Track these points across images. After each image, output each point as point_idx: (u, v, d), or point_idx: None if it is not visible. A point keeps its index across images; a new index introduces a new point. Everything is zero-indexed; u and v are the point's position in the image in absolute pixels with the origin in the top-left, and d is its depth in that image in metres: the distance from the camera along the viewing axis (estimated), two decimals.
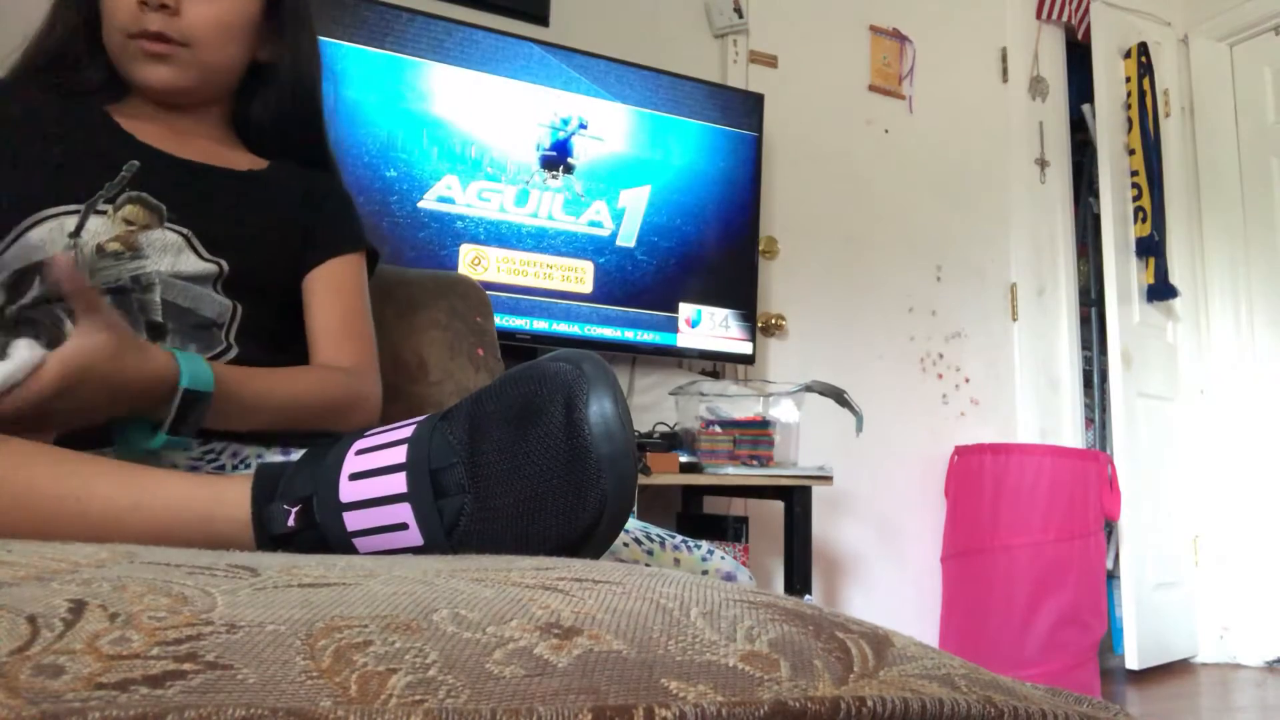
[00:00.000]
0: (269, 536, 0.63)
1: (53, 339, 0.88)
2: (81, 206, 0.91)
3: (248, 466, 0.83)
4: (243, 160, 1.07)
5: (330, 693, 0.30)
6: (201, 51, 0.99)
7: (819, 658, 0.36)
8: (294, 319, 1.05)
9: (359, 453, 0.62)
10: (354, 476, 0.61)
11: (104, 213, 0.91)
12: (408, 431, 0.62)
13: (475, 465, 0.59)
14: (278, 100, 1.09)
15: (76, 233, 0.90)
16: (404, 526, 0.59)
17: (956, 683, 0.36)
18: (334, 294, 1.06)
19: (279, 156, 1.11)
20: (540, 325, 2.14)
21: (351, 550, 0.61)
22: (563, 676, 0.32)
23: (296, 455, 0.85)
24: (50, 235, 0.89)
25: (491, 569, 0.44)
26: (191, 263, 0.94)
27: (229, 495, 0.65)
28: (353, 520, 0.60)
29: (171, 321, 0.92)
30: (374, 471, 0.61)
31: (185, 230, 0.94)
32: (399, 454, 0.60)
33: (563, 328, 2.16)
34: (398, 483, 0.59)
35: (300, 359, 1.04)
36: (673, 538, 0.83)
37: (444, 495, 0.59)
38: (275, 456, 0.84)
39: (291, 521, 0.62)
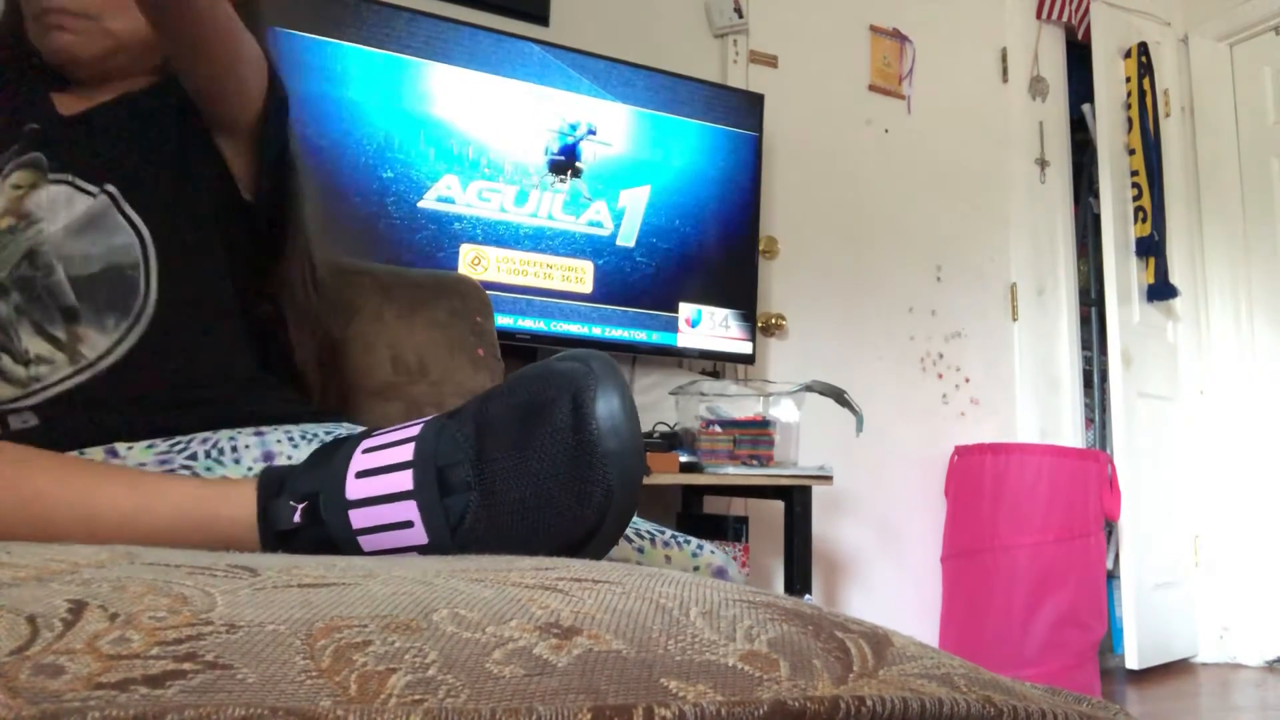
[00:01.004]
0: (274, 533, 0.63)
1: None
2: None
3: (220, 454, 0.82)
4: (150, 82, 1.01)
5: (330, 692, 0.30)
6: (109, 23, 0.96)
7: (818, 657, 0.36)
8: (237, 241, 0.98)
9: (367, 451, 0.62)
10: (361, 474, 0.61)
11: None
12: (415, 430, 0.62)
13: (482, 463, 0.58)
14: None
15: None
16: (409, 524, 0.59)
17: (956, 682, 0.36)
18: None
19: None
20: (540, 325, 2.14)
21: (356, 548, 0.61)
22: (562, 676, 0.32)
23: (270, 435, 0.84)
24: None
25: (491, 569, 0.44)
26: (78, 203, 0.88)
27: (234, 496, 0.65)
28: (358, 518, 0.60)
29: (84, 301, 0.86)
30: (381, 469, 0.60)
31: (65, 176, 0.89)
32: (406, 452, 0.60)
33: (563, 327, 2.16)
34: (404, 480, 0.59)
35: (256, 309, 1.00)
36: (662, 533, 0.82)
37: (450, 493, 0.59)
38: (249, 439, 0.83)
39: (297, 518, 0.61)
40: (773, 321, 2.66)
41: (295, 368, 1.03)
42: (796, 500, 2.16)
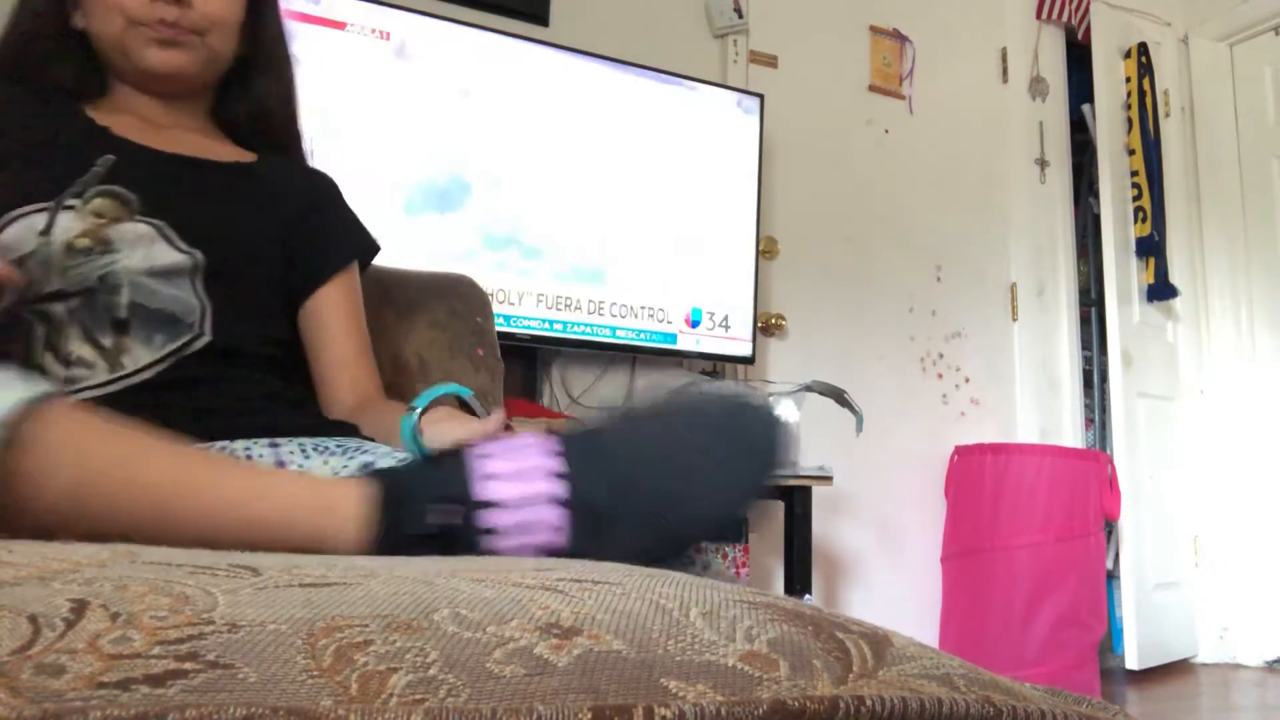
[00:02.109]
0: (403, 536, 0.63)
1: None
2: (51, 204, 0.89)
3: None
4: (227, 152, 1.07)
5: (331, 692, 0.30)
6: (211, 39, 1.00)
7: (818, 657, 0.36)
8: (278, 315, 1.05)
9: (489, 456, 0.63)
10: (494, 478, 0.62)
11: (73, 208, 0.90)
12: (553, 442, 0.64)
13: (617, 476, 0.61)
14: (263, 91, 1.10)
15: (46, 231, 0.88)
16: (550, 526, 0.61)
17: (955, 682, 0.36)
18: (351, 316, 1.09)
19: (259, 147, 1.11)
20: (540, 325, 2.14)
21: (490, 551, 0.62)
22: (562, 676, 0.32)
23: (284, 446, 0.84)
24: (21, 234, 0.88)
25: (492, 569, 0.44)
26: (165, 254, 0.92)
27: (339, 500, 0.65)
28: (494, 519, 0.61)
29: (136, 318, 0.90)
30: (518, 474, 0.62)
31: (157, 222, 0.92)
32: (548, 456, 0.62)
33: (563, 328, 2.16)
34: (548, 484, 0.61)
35: (288, 354, 1.05)
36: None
37: (587, 501, 0.61)
38: (263, 449, 0.84)
39: (435, 519, 0.62)
40: (773, 321, 2.66)
41: (311, 388, 1.08)
42: (796, 500, 2.17)
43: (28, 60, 1.00)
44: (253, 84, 1.10)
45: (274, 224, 1.04)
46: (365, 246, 1.15)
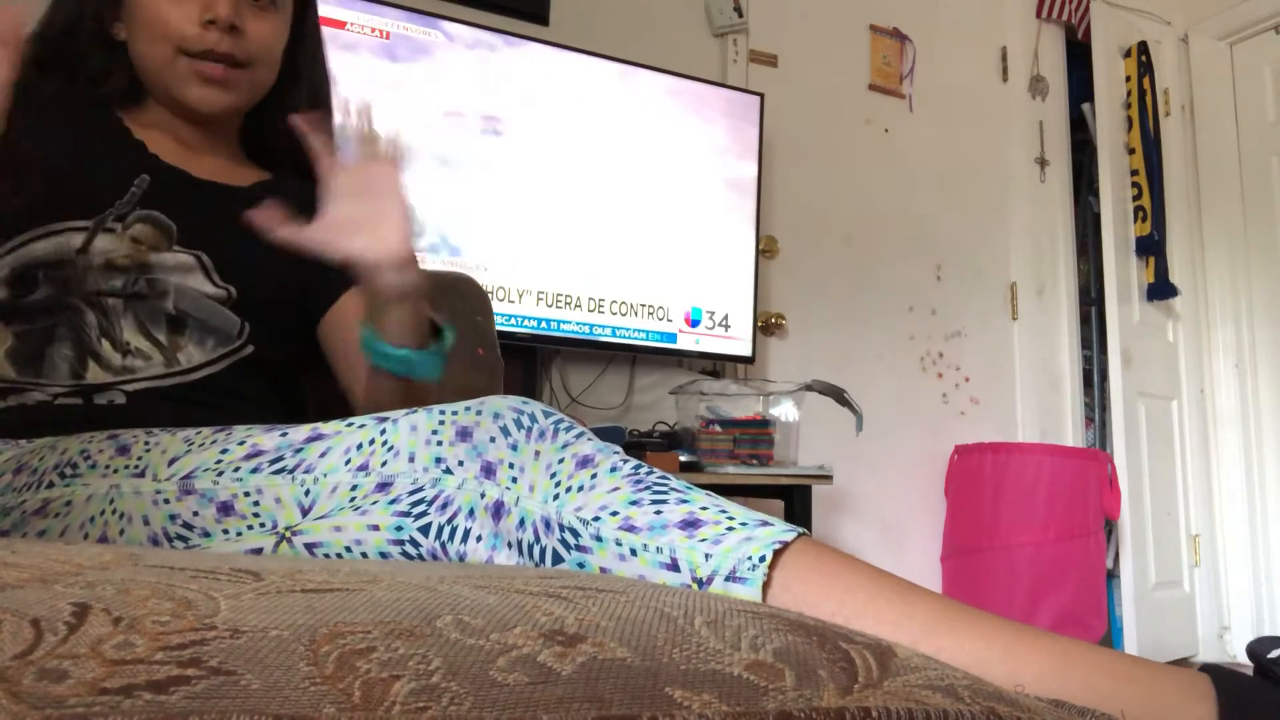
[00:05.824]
0: None
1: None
2: (88, 223, 0.90)
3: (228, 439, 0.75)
4: (248, 175, 1.07)
5: (334, 699, 0.30)
6: (256, 72, 0.99)
7: (823, 668, 0.35)
8: (296, 333, 1.07)
9: None
10: None
11: (113, 230, 0.91)
12: None
13: None
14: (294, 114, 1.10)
15: (84, 249, 0.89)
16: None
17: (960, 694, 0.36)
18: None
19: (282, 167, 1.10)
20: (540, 324, 2.14)
21: None
22: (567, 684, 0.32)
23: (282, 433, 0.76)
24: (57, 248, 0.89)
25: (495, 576, 0.44)
26: (202, 284, 0.95)
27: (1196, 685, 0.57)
28: None
29: (187, 320, 0.93)
30: None
31: (198, 253, 0.95)
32: None
33: (563, 327, 2.16)
34: None
35: (313, 366, 1.08)
36: None
37: None
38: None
39: None
40: (772, 321, 2.66)
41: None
42: (796, 500, 2.16)
43: (67, 57, 0.99)
44: (285, 107, 1.07)
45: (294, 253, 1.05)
46: None
